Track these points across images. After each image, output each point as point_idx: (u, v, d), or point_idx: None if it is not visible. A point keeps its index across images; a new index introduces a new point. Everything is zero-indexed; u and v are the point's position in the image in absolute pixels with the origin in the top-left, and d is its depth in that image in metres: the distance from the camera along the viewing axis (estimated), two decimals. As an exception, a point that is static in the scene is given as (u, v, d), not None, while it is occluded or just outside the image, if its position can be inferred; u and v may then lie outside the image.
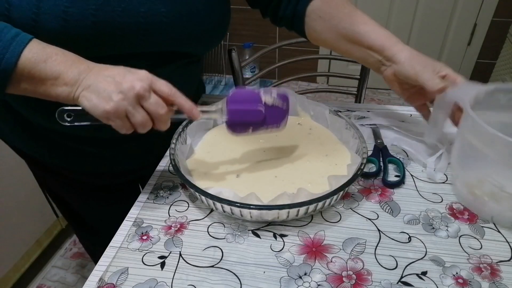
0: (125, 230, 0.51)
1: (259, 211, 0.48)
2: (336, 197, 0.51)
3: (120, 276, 0.45)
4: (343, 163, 0.59)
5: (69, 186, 0.75)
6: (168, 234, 0.51)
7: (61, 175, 0.72)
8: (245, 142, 0.65)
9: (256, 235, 0.50)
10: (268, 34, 2.46)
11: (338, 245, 0.49)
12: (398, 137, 0.67)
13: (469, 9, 2.16)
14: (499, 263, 0.46)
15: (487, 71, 2.32)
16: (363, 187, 0.58)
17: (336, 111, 0.66)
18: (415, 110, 0.65)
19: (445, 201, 0.55)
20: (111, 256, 0.48)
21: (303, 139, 0.65)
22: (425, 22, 2.24)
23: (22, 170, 1.26)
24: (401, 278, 0.44)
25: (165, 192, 0.58)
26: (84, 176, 0.72)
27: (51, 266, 1.45)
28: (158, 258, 0.48)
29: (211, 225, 0.52)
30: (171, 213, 0.54)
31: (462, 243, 0.49)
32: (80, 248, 1.51)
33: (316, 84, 2.61)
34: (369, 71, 1.10)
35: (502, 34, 2.18)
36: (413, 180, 0.59)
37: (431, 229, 0.51)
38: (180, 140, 0.61)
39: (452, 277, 0.44)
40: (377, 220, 0.52)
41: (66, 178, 0.73)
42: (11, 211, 1.23)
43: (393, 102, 2.44)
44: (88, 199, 0.78)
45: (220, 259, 0.47)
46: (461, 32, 2.23)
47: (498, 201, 0.49)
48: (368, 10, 2.27)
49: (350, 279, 0.44)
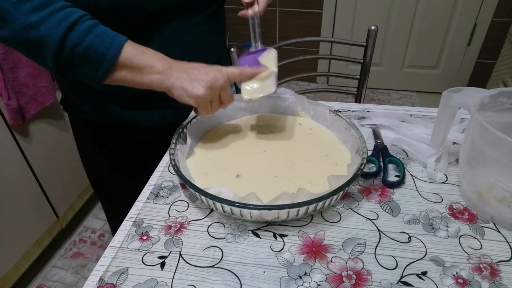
0: (125, 230, 0.51)
1: (259, 211, 0.48)
2: (336, 197, 0.51)
3: (120, 276, 0.45)
4: (343, 163, 0.59)
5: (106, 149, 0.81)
6: (168, 234, 0.51)
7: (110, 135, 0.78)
8: (245, 142, 0.65)
9: (256, 235, 0.50)
10: (268, 34, 2.46)
11: (338, 245, 0.49)
12: (398, 137, 0.67)
13: (469, 9, 2.16)
14: (499, 263, 0.46)
15: (487, 71, 2.32)
16: (363, 187, 0.58)
17: (336, 111, 0.66)
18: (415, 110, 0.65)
19: (445, 201, 0.55)
20: (111, 256, 0.48)
21: (303, 139, 0.65)
22: (425, 22, 2.24)
23: (22, 170, 1.26)
24: (401, 278, 0.44)
25: (165, 192, 0.58)
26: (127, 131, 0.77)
27: (51, 266, 1.45)
28: (158, 258, 0.48)
29: (211, 225, 0.52)
30: (171, 213, 0.54)
31: (462, 243, 0.49)
32: (80, 248, 1.51)
33: (316, 84, 2.61)
34: (369, 71, 1.10)
35: (502, 34, 2.18)
36: (413, 180, 0.59)
37: (431, 229, 0.51)
38: (180, 140, 0.61)
39: (452, 277, 0.44)
40: (377, 220, 0.52)
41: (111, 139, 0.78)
42: (11, 211, 1.23)
43: (393, 102, 2.44)
44: (115, 167, 0.83)
45: (220, 259, 0.47)
46: (461, 32, 2.23)
47: (510, 206, 0.49)
48: (368, 10, 2.27)
49: (350, 279, 0.44)
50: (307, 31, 2.40)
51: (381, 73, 2.49)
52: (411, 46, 2.36)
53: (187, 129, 0.63)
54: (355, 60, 1.11)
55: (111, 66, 0.52)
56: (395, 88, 2.55)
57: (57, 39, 0.49)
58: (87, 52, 0.51)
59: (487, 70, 2.32)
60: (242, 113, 0.71)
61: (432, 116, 0.73)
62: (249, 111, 0.72)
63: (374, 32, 1.03)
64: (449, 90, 0.56)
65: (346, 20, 2.34)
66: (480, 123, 0.47)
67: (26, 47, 0.51)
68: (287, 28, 2.44)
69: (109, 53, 0.51)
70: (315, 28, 2.40)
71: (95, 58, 0.51)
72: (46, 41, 0.49)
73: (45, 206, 1.39)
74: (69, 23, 0.49)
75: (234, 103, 0.66)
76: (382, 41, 2.36)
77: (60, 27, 0.49)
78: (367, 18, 2.30)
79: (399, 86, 2.54)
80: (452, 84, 2.40)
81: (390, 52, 2.41)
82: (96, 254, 1.49)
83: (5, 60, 1.11)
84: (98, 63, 0.52)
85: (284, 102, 0.71)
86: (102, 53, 0.51)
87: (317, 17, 2.36)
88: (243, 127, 0.69)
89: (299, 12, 2.37)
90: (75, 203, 1.55)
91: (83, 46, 0.50)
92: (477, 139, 0.50)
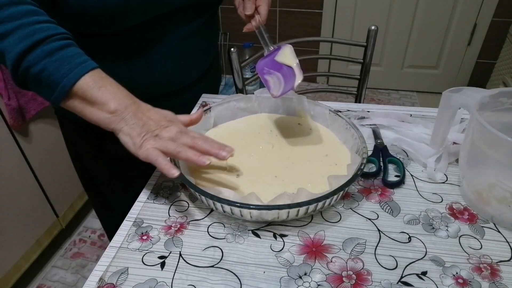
0: (125, 230, 0.51)
1: (259, 211, 0.48)
2: (336, 197, 0.51)
3: (120, 276, 0.45)
4: (343, 163, 0.59)
5: (98, 152, 0.79)
6: (168, 234, 0.51)
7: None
8: (245, 142, 0.65)
9: (256, 235, 0.50)
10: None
11: (338, 245, 0.49)
12: (398, 137, 0.67)
13: (469, 9, 2.16)
14: (499, 263, 0.46)
15: (487, 71, 2.32)
16: (363, 187, 0.58)
17: (336, 111, 0.66)
18: (415, 110, 0.65)
19: (445, 201, 0.55)
20: (111, 256, 0.48)
21: (303, 139, 0.65)
22: (425, 22, 2.24)
23: (22, 170, 1.26)
24: (401, 278, 0.44)
25: (165, 192, 0.58)
26: None
27: (51, 266, 1.45)
28: (158, 258, 0.48)
29: (211, 225, 0.52)
30: (171, 213, 0.54)
31: (462, 243, 0.49)
32: (80, 248, 1.51)
33: (316, 84, 2.61)
34: (369, 71, 1.10)
35: (502, 34, 2.18)
36: (413, 180, 0.59)
37: (431, 229, 0.51)
38: (180, 140, 0.61)
39: (452, 277, 0.44)
40: (377, 220, 0.52)
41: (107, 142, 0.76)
42: (11, 211, 1.23)
43: (393, 102, 2.45)
44: (108, 169, 0.81)
45: (220, 259, 0.47)
46: (461, 32, 2.24)
47: (510, 205, 0.49)
48: (368, 10, 2.27)
49: (350, 279, 0.44)
50: (307, 31, 2.40)
51: (381, 73, 2.49)
52: (411, 46, 2.36)
53: (187, 129, 0.63)
54: (355, 60, 1.11)
55: (62, 94, 0.49)
56: (395, 88, 2.55)
57: (15, 56, 0.47)
58: (40, 75, 0.48)
59: (487, 70, 2.32)
60: (242, 113, 0.71)
61: (432, 116, 0.73)
62: (249, 111, 0.72)
63: (374, 32, 1.03)
64: (449, 90, 0.56)
65: (346, 20, 2.34)
66: (480, 123, 0.47)
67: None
68: (287, 28, 2.44)
69: (63, 81, 0.48)
70: (315, 28, 2.40)
71: (48, 82, 0.48)
72: (6, 55, 0.47)
73: (45, 206, 1.39)
74: (31, 41, 0.47)
75: (234, 103, 0.66)
76: (382, 41, 2.36)
77: (21, 44, 0.47)
78: (367, 18, 2.30)
79: (399, 86, 2.54)
80: (452, 84, 2.40)
81: (390, 52, 2.41)
82: (96, 254, 1.49)
83: (5, 60, 1.11)
84: (50, 88, 0.49)
85: (284, 102, 0.71)
86: (55, 80, 0.48)
87: (317, 17, 2.36)
88: (243, 127, 0.69)
89: (299, 12, 2.37)
90: (75, 203, 1.55)
91: (37, 68, 0.47)
92: (477, 139, 0.50)
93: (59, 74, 0.48)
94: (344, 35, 2.38)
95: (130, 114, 0.50)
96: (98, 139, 0.76)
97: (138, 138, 0.49)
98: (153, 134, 0.50)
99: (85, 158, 0.81)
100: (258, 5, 0.65)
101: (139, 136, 0.49)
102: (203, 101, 0.80)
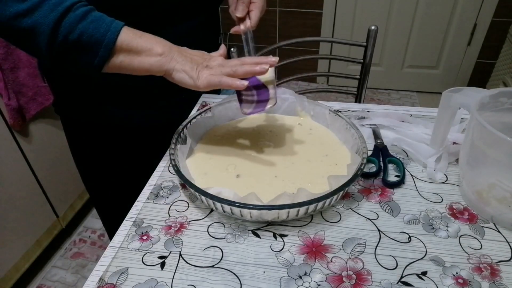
0: (125, 230, 0.51)
1: (259, 211, 0.48)
2: (336, 197, 0.51)
3: (120, 276, 0.45)
4: (343, 163, 0.59)
5: (101, 151, 0.79)
6: (168, 234, 0.51)
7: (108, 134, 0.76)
8: (245, 142, 0.65)
9: (256, 235, 0.50)
10: (268, 34, 2.46)
11: (338, 245, 0.49)
12: (398, 137, 0.67)
13: (469, 9, 2.16)
14: (499, 263, 0.46)
15: (487, 71, 2.32)
16: (363, 187, 0.58)
17: (336, 111, 0.66)
18: (415, 110, 0.65)
19: (445, 201, 0.55)
20: (111, 256, 0.48)
21: (303, 139, 0.65)
22: (425, 22, 2.24)
23: (22, 170, 1.26)
24: (401, 278, 0.44)
25: (165, 192, 0.58)
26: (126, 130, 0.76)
27: (51, 266, 1.45)
28: (158, 258, 0.48)
29: (211, 225, 0.52)
30: (171, 213, 0.54)
31: (462, 243, 0.49)
32: (80, 248, 1.51)
33: (316, 84, 2.61)
34: (369, 71, 1.10)
35: (502, 34, 2.18)
36: (413, 180, 0.59)
37: (431, 229, 0.51)
38: (180, 140, 0.61)
39: (452, 277, 0.44)
40: (377, 220, 0.52)
41: (111, 139, 0.77)
42: (11, 211, 1.23)
43: (393, 102, 2.45)
44: (115, 168, 0.81)
45: (220, 259, 0.47)
46: (461, 32, 2.24)
47: (510, 206, 0.49)
48: (368, 10, 2.27)
49: (350, 279, 0.44)
50: (307, 31, 2.40)
51: (381, 73, 2.49)
52: (411, 46, 2.36)
53: (187, 129, 0.63)
54: (355, 60, 1.11)
55: (107, 51, 0.50)
56: (395, 88, 2.55)
57: (50, 26, 0.47)
58: (81, 38, 0.48)
59: (487, 70, 2.32)
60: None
61: (432, 116, 0.73)
62: (249, 111, 0.72)
63: (374, 32, 1.03)
64: (449, 90, 0.56)
65: (346, 20, 2.34)
66: (480, 123, 0.47)
67: (18, 36, 0.49)
68: (287, 28, 2.44)
69: (105, 39, 0.49)
70: (315, 28, 2.40)
71: (90, 44, 0.49)
72: (39, 29, 0.47)
73: (45, 206, 1.39)
74: (62, 9, 0.47)
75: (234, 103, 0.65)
76: (382, 41, 2.36)
77: (53, 13, 0.47)
78: (367, 18, 2.30)
79: (399, 86, 2.54)
80: (452, 84, 2.40)
81: (390, 52, 2.41)
82: (96, 254, 1.49)
83: (5, 60, 1.11)
84: (94, 50, 0.50)
85: (284, 102, 0.71)
86: (97, 39, 0.49)
87: (317, 17, 2.36)
88: (243, 127, 0.69)
89: (299, 12, 2.37)
90: (75, 203, 1.55)
91: (77, 33, 0.48)
92: (477, 139, 0.50)
93: (100, 34, 0.49)
94: (344, 35, 2.38)
95: (176, 53, 0.53)
96: (102, 138, 0.76)
97: (193, 72, 0.53)
98: (203, 65, 0.53)
99: (89, 157, 0.82)
100: (251, 10, 0.63)
101: (193, 69, 0.53)
102: (203, 101, 0.80)
